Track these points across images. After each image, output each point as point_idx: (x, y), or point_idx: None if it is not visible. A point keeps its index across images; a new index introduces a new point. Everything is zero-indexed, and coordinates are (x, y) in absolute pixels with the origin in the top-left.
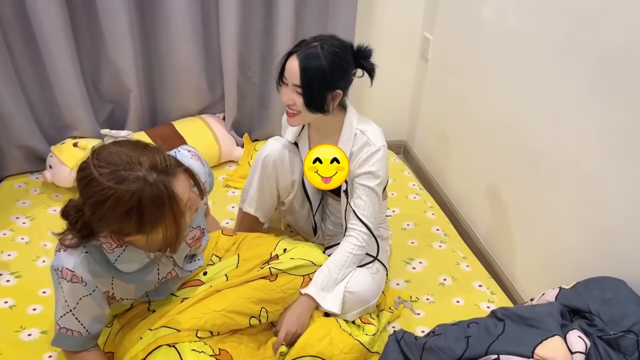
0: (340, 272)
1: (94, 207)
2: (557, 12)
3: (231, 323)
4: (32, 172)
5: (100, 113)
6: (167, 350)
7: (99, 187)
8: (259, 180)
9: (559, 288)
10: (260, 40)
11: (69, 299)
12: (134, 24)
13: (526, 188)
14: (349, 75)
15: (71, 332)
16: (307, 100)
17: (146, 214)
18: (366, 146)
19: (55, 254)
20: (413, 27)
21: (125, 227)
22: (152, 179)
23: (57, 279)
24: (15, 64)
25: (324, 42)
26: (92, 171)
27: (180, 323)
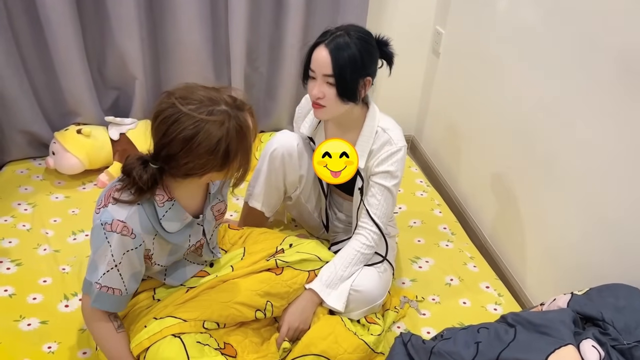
0: (346, 269)
1: (185, 142)
2: (576, 9)
3: (237, 315)
4: (34, 158)
5: (104, 100)
6: (172, 340)
7: (190, 121)
8: (266, 174)
9: (570, 294)
10: (269, 29)
11: (116, 253)
12: (141, 9)
13: (536, 188)
14: (377, 60)
15: (112, 291)
16: (341, 89)
17: (232, 144)
18: (387, 145)
19: (102, 210)
20: (425, 20)
21: (212, 159)
22: (234, 113)
23: (105, 234)
24: (20, 47)
25: (350, 30)
26: (180, 108)
27: (186, 313)
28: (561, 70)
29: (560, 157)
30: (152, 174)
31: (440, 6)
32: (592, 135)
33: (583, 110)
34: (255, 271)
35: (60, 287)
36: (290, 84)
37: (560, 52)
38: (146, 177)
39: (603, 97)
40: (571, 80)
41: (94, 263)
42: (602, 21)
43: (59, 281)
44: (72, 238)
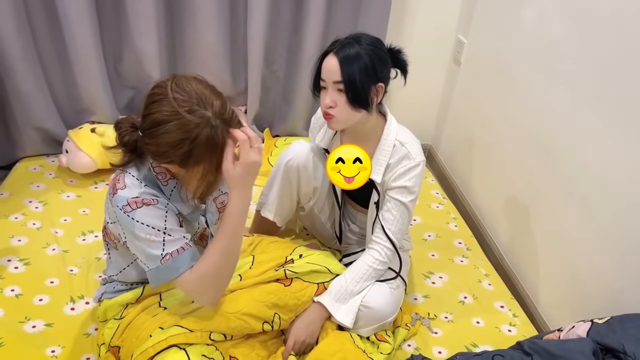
0: (357, 284)
1: (154, 124)
2: (605, 23)
3: (245, 326)
4: (48, 155)
5: (119, 98)
6: (177, 351)
7: (168, 108)
8: (280, 185)
9: (590, 322)
10: (288, 33)
11: (155, 223)
12: (160, 8)
13: (556, 205)
14: (389, 67)
15: (181, 249)
16: (351, 95)
17: (196, 150)
18: (405, 159)
19: (114, 199)
20: (447, 28)
21: (171, 153)
22: (214, 123)
23: (129, 215)
24: (37, 43)
25: (359, 38)
26: (168, 92)
27: (192, 323)
28: (586, 85)
29: (583, 174)
30: (134, 140)
31: (463, 15)
32: (618, 154)
33: (609, 126)
34: (263, 281)
35: (67, 289)
36: (307, 89)
37: (585, 66)
38: (127, 139)
39: (630, 114)
40: (597, 95)
41: (142, 251)
42: (629, 36)
43: (66, 283)
44: (81, 238)
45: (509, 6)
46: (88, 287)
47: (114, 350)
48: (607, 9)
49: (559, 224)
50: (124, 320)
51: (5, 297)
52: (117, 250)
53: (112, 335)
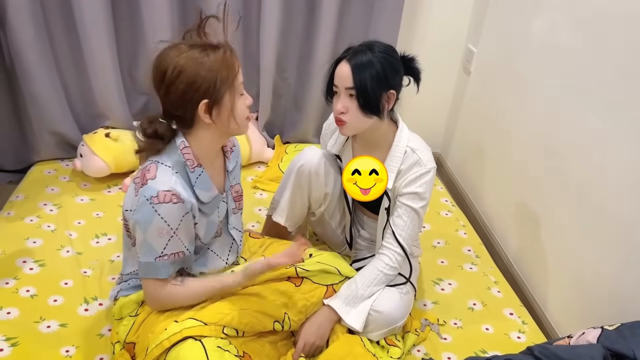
0: (367, 289)
1: (173, 75)
2: (615, 30)
3: (257, 323)
4: (62, 159)
5: (133, 104)
6: (193, 343)
7: (172, 56)
8: (292, 190)
9: (600, 328)
10: (300, 41)
11: (171, 221)
12: (174, 15)
13: (565, 213)
14: (401, 75)
15: (176, 256)
16: (362, 101)
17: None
18: (416, 166)
19: (142, 189)
20: (457, 37)
21: (195, 83)
22: (210, 46)
23: (153, 207)
24: (54, 48)
25: (372, 45)
26: (163, 52)
27: (206, 317)
28: (596, 93)
29: (593, 182)
30: (155, 129)
31: (473, 25)
32: (629, 162)
33: (620, 134)
34: (275, 278)
35: (81, 291)
36: (318, 96)
37: (596, 73)
38: (150, 130)
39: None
40: (607, 103)
41: (146, 244)
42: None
43: (80, 284)
44: (95, 241)
45: (518, 16)
46: (101, 288)
47: (129, 346)
48: (616, 17)
49: (568, 231)
50: (139, 316)
51: (21, 297)
52: (134, 246)
53: (127, 332)
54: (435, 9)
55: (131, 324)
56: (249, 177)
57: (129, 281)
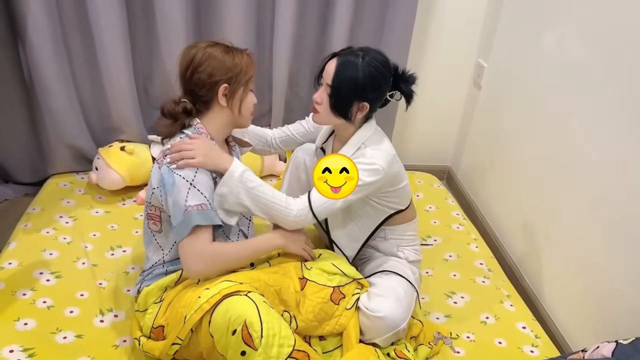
0: (262, 197)
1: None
2: (625, 46)
3: (274, 301)
4: (77, 172)
5: (148, 118)
6: (240, 297)
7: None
8: (289, 179)
9: (615, 342)
10: (312, 56)
11: (186, 175)
12: (189, 32)
13: (580, 229)
14: (382, 92)
15: (200, 207)
16: (333, 101)
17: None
18: (361, 157)
19: (164, 164)
20: (468, 52)
21: (221, 67)
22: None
23: (172, 171)
24: (71, 63)
25: (367, 54)
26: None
27: (240, 278)
28: (606, 108)
29: (605, 196)
30: (174, 109)
31: (484, 39)
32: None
33: (630, 149)
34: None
35: (97, 302)
36: None
37: (606, 89)
38: (170, 109)
39: None
40: (617, 118)
41: (174, 204)
42: None
43: (96, 296)
44: (110, 253)
45: (529, 30)
46: (117, 300)
47: (157, 331)
48: (628, 32)
49: (580, 245)
50: (165, 300)
51: (38, 308)
52: (160, 233)
53: (153, 319)
54: (446, 24)
55: (157, 310)
56: None
57: (153, 270)
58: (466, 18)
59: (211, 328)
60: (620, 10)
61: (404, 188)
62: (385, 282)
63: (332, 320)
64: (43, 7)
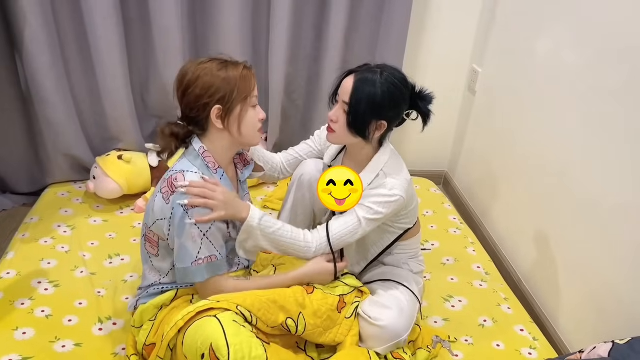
0: (281, 239)
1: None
2: (619, 53)
3: (270, 312)
4: (75, 182)
5: (145, 127)
6: (209, 319)
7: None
8: (293, 201)
9: (612, 343)
10: (308, 64)
11: (201, 225)
12: (185, 41)
13: (575, 231)
14: (400, 110)
15: (209, 259)
16: (351, 120)
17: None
18: (381, 187)
19: (173, 197)
20: (462, 58)
21: (212, 87)
22: (236, 64)
23: (184, 214)
24: (69, 74)
25: (385, 70)
26: (186, 64)
27: (219, 298)
28: (601, 112)
29: (602, 203)
30: (174, 131)
31: (478, 45)
32: (634, 180)
33: (629, 154)
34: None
35: (96, 310)
36: (326, 118)
37: (600, 94)
38: (169, 131)
39: None
40: (615, 123)
41: (183, 248)
42: None
43: (95, 304)
44: (108, 262)
45: (523, 36)
46: (115, 308)
47: (150, 348)
48: (621, 40)
49: (578, 248)
50: (158, 318)
51: (36, 317)
52: (157, 257)
53: (146, 336)
54: (440, 30)
55: (150, 327)
56: (258, 197)
57: (149, 289)
58: (460, 24)
59: (184, 349)
60: (612, 15)
61: (415, 208)
62: (390, 292)
63: (335, 329)
64: (40, 19)
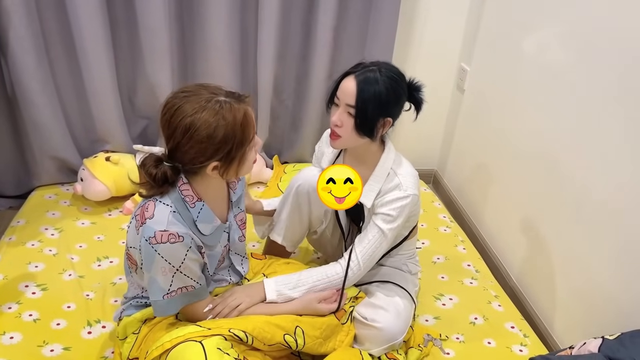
0: (304, 287)
1: (185, 129)
2: (607, 49)
3: (265, 330)
4: (62, 184)
5: (133, 128)
6: (193, 344)
7: (190, 109)
8: (290, 209)
9: (601, 338)
10: (296, 63)
11: (172, 260)
12: (173, 42)
13: (565, 228)
14: (402, 103)
15: (185, 289)
16: (359, 122)
17: (228, 131)
18: (396, 189)
19: (142, 229)
20: (450, 56)
21: (210, 146)
22: (230, 102)
23: (153, 248)
24: (55, 75)
25: (382, 67)
26: (180, 99)
27: (211, 323)
28: (591, 110)
29: (593, 200)
30: (163, 172)
31: (466, 43)
32: (625, 176)
33: (616, 150)
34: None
35: (84, 314)
36: (315, 117)
37: (588, 91)
38: (155, 172)
39: (635, 136)
40: (602, 119)
41: (153, 281)
42: (634, 60)
43: (83, 307)
44: (96, 264)
45: (511, 34)
46: (104, 311)
47: None
48: (608, 37)
49: (567, 245)
50: (142, 332)
51: (24, 321)
52: (137, 274)
53: (130, 349)
54: (428, 29)
55: (134, 340)
56: None
57: (133, 301)
58: (448, 23)
59: None
60: (601, 13)
61: (420, 205)
62: (388, 294)
63: (334, 337)
64: (25, 19)
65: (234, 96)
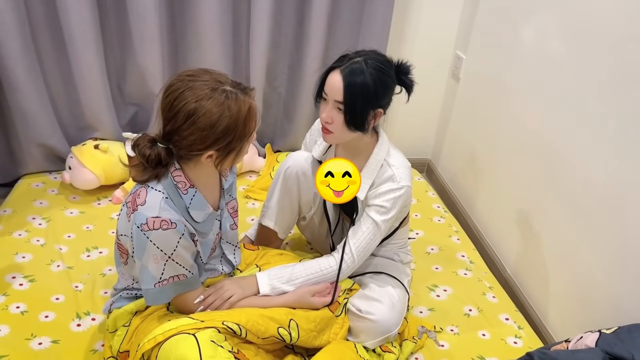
0: (298, 280)
1: (187, 115)
2: (603, 38)
3: (259, 323)
4: (50, 172)
5: (122, 115)
6: (186, 337)
7: (193, 96)
8: (280, 193)
9: (598, 332)
10: (289, 51)
11: (164, 247)
12: (163, 27)
13: (560, 219)
14: (392, 92)
15: (177, 278)
16: (349, 117)
17: (231, 122)
18: (389, 181)
19: (133, 215)
20: (446, 44)
21: (210, 135)
22: (235, 93)
23: (144, 235)
24: (41, 61)
25: (368, 58)
26: (187, 83)
27: (204, 316)
28: (586, 100)
29: (588, 191)
30: (157, 153)
31: (462, 31)
32: (621, 168)
33: (611, 140)
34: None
35: (73, 306)
36: (308, 105)
37: (586, 81)
38: (149, 153)
39: (633, 128)
40: (598, 110)
41: (144, 269)
42: (629, 51)
43: (72, 299)
44: (85, 255)
45: (506, 22)
46: (94, 303)
47: (123, 355)
48: (605, 25)
49: (562, 237)
50: (132, 324)
51: (11, 314)
52: (127, 265)
53: (120, 342)
54: (424, 16)
55: (124, 332)
56: (240, 187)
57: (123, 293)
58: (444, 10)
59: None
60: (597, 3)
61: (411, 196)
62: (382, 285)
63: (328, 330)
64: (9, 2)
65: (240, 87)
